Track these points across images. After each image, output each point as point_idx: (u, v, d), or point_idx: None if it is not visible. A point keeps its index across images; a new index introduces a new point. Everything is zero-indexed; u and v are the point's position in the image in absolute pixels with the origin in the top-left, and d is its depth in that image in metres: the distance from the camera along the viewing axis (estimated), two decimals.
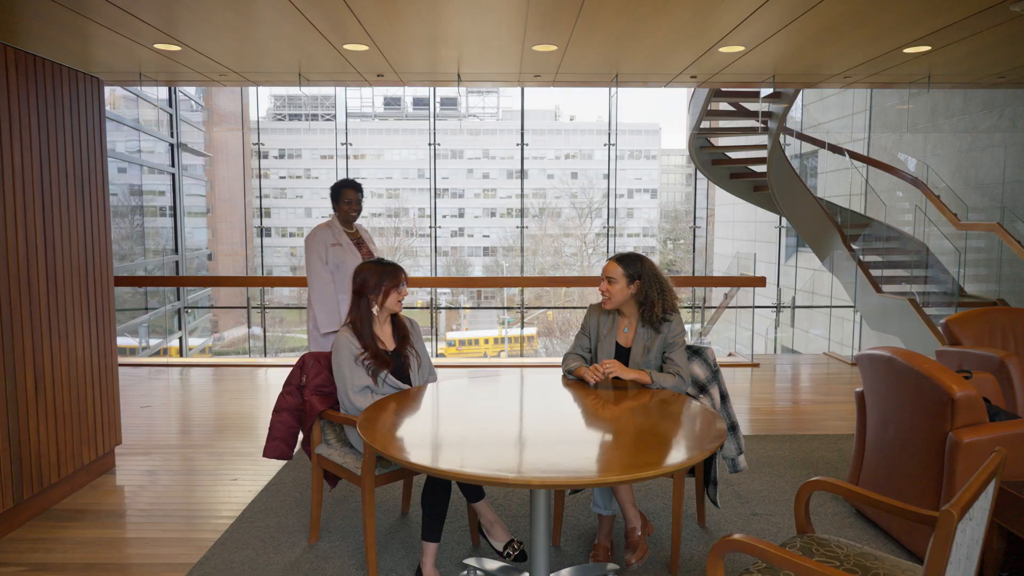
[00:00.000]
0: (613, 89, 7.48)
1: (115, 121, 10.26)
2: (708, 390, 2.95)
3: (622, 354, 2.97)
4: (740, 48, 5.22)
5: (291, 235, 44.71)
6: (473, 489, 2.73)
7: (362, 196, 4.40)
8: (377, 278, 2.87)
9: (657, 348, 2.91)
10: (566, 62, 5.68)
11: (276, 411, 2.94)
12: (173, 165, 11.17)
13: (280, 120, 46.52)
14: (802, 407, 5.32)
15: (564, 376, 3.02)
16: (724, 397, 2.98)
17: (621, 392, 2.77)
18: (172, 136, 11.11)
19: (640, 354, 2.92)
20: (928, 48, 5.17)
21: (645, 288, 2.89)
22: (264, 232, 43.97)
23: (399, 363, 2.92)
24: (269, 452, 2.92)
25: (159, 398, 5.56)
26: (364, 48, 5.21)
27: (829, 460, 4.02)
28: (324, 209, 43.09)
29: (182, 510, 3.39)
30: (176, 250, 11.19)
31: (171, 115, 11.10)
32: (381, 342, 2.89)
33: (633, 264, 2.91)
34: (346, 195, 4.33)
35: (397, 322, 2.99)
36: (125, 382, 6.03)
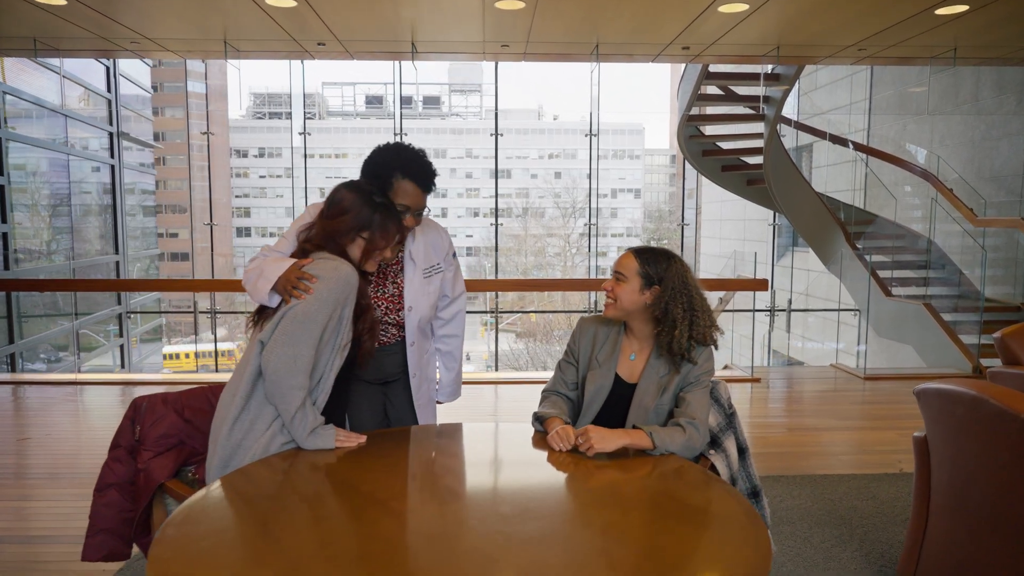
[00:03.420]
0: (594, 65, 6.61)
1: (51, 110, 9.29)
2: (721, 442, 2.08)
3: (624, 393, 2.05)
4: (743, 7, 4.39)
5: (271, 235, 43.81)
6: None
7: (426, 188, 2.16)
8: (379, 218, 1.93)
9: (675, 389, 2.00)
10: (537, 27, 4.82)
11: (99, 490, 1.98)
12: (113, 156, 10.16)
13: (260, 119, 45.72)
14: (816, 435, 4.50)
15: (535, 426, 2.07)
16: (743, 451, 2.12)
17: (611, 459, 1.85)
18: (111, 124, 10.11)
19: (651, 395, 2.00)
20: (965, 8, 4.36)
21: (665, 300, 1.97)
22: (244, 232, 43.31)
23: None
24: (90, 553, 1.93)
25: (51, 428, 4.61)
26: (291, 4, 4.32)
27: (864, 512, 3.19)
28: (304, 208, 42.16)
29: None
30: (116, 250, 10.18)
31: (109, 100, 10.09)
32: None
33: (656, 262, 2.00)
34: (399, 189, 2.10)
35: None
36: (31, 405, 5.10)
